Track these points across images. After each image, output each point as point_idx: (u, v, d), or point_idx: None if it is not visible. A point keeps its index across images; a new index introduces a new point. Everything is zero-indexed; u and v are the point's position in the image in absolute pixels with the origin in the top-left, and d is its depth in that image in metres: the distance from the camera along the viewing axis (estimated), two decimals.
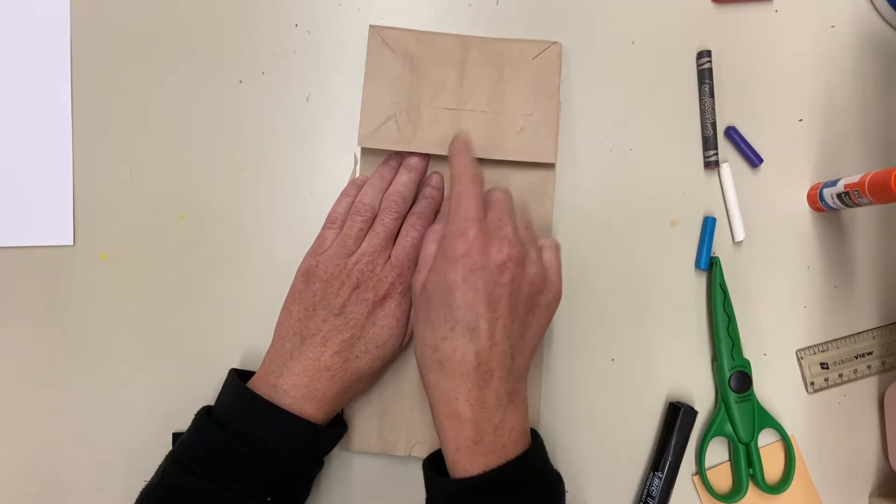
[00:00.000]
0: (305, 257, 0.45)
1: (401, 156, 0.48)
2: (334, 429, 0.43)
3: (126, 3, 0.49)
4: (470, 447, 0.38)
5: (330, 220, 0.46)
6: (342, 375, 0.42)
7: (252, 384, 0.42)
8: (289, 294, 0.45)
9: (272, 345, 0.44)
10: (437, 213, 0.47)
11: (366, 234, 0.44)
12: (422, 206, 0.46)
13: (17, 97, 0.49)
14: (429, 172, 0.48)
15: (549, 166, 0.48)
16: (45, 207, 0.48)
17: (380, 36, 0.48)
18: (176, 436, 0.47)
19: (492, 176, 0.48)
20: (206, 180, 0.49)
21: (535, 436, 0.42)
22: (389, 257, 0.44)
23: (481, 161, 0.47)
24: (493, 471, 0.37)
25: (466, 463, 0.38)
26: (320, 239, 0.45)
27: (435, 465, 0.41)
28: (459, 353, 0.38)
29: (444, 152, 0.47)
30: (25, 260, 0.48)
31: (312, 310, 0.43)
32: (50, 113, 0.49)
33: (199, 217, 0.49)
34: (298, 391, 0.41)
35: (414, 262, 0.44)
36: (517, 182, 0.48)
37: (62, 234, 0.48)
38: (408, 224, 0.45)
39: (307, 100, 0.50)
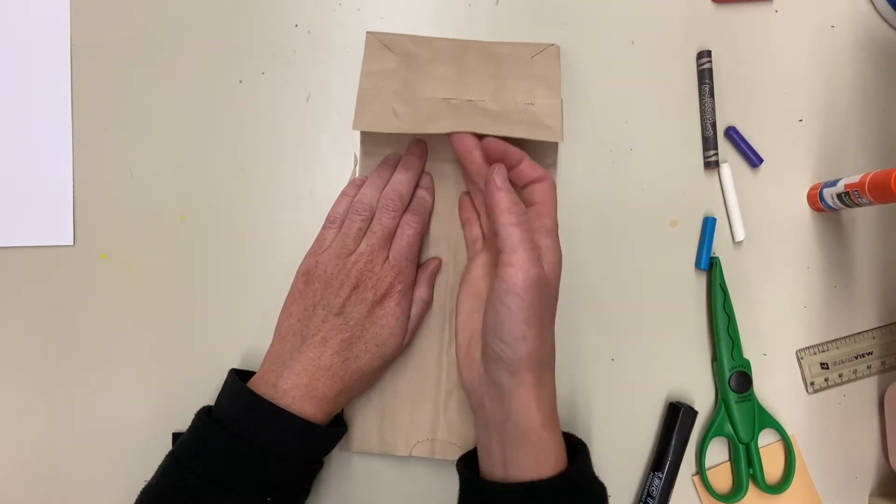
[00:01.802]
0: (305, 257, 0.45)
1: (398, 155, 0.48)
2: (334, 429, 0.43)
3: (126, 3, 0.49)
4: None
5: (329, 220, 0.46)
6: (342, 375, 0.42)
7: (252, 384, 0.42)
8: (289, 294, 0.45)
9: (272, 345, 0.44)
10: (430, 211, 0.47)
11: (364, 234, 0.44)
12: (414, 204, 0.46)
13: (17, 97, 0.49)
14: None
15: (550, 166, 0.48)
16: (45, 207, 0.48)
17: (377, 39, 0.48)
18: (176, 436, 0.47)
19: None
20: (206, 180, 0.49)
21: (580, 442, 0.42)
22: (388, 257, 0.44)
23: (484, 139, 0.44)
24: (557, 476, 0.38)
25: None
26: (320, 239, 0.45)
27: (469, 466, 0.42)
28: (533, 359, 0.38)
29: (441, 131, 0.43)
30: (25, 260, 0.48)
31: (312, 309, 0.43)
32: (50, 113, 0.49)
33: (199, 217, 0.49)
34: (298, 391, 0.41)
35: (412, 259, 0.44)
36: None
37: (62, 234, 0.48)
38: (403, 223, 0.45)
39: (307, 100, 0.50)
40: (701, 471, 0.49)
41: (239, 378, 0.42)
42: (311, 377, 0.41)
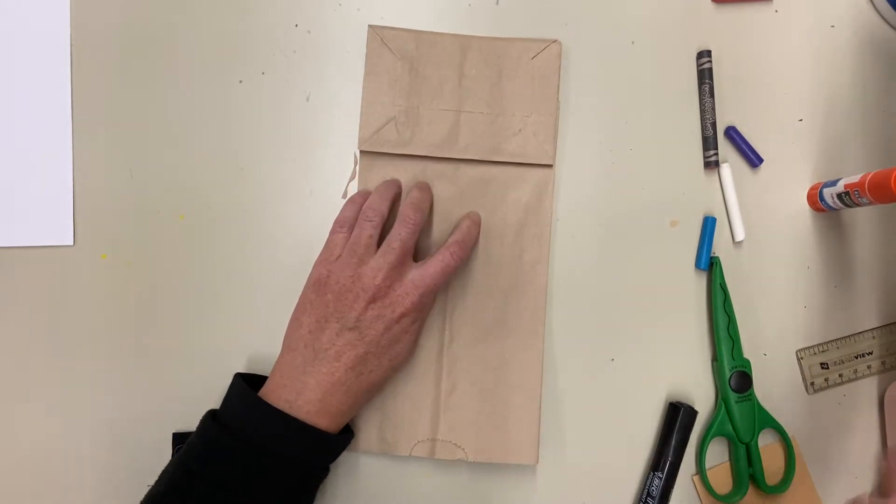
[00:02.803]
0: (316, 265, 0.44)
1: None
2: (343, 436, 0.43)
3: (126, 3, 0.49)
4: None
5: (339, 224, 0.45)
6: (356, 389, 0.42)
7: (264, 395, 0.42)
8: (299, 304, 0.44)
9: (282, 355, 0.43)
10: (474, 245, 0.47)
11: (375, 241, 0.43)
12: (461, 235, 0.45)
13: (17, 97, 0.49)
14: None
15: (549, 166, 0.49)
16: (45, 207, 0.48)
17: (379, 36, 0.48)
18: (176, 436, 0.47)
19: (492, 175, 0.48)
20: (206, 180, 0.49)
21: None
22: (407, 274, 0.43)
23: (480, 162, 0.48)
24: None
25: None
26: (330, 245, 0.44)
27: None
28: None
29: (441, 154, 0.48)
30: (25, 260, 0.48)
31: (325, 322, 0.42)
32: (50, 113, 0.49)
33: (199, 217, 0.49)
34: (312, 406, 0.41)
35: (440, 287, 0.44)
36: (517, 182, 0.48)
37: (62, 234, 0.48)
38: (446, 251, 0.44)
39: (307, 100, 0.50)
40: (701, 471, 0.49)
41: (245, 383, 0.42)
42: (325, 392, 0.41)
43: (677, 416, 0.47)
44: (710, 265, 0.49)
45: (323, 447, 0.42)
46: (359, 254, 0.42)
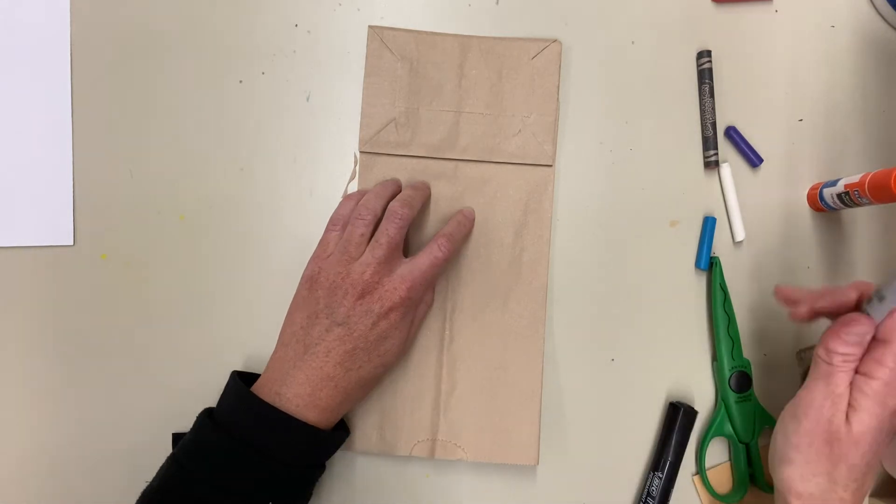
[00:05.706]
0: (309, 262, 0.45)
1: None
2: (337, 433, 0.43)
3: (126, 3, 0.49)
4: None
5: (332, 223, 0.45)
6: (345, 385, 0.42)
7: (256, 390, 0.42)
8: (293, 300, 0.44)
9: (276, 351, 0.43)
10: (464, 240, 0.47)
11: (367, 239, 0.43)
12: (451, 228, 0.45)
13: (17, 98, 0.49)
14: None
15: (548, 166, 0.49)
16: (45, 207, 0.48)
17: (379, 37, 0.48)
18: (176, 436, 0.47)
19: (492, 175, 0.48)
20: (206, 180, 0.49)
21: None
22: (396, 269, 0.43)
23: (479, 162, 0.48)
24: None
25: None
26: (323, 243, 0.45)
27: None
28: None
29: (440, 155, 0.48)
30: (25, 260, 0.48)
31: (315, 317, 0.42)
32: (50, 113, 0.49)
33: (199, 217, 0.49)
34: (301, 400, 0.41)
35: (430, 281, 0.44)
36: (517, 182, 0.48)
37: (62, 234, 0.48)
38: (434, 244, 0.44)
39: (307, 100, 0.50)
40: (701, 471, 0.49)
41: (241, 381, 0.42)
42: (313, 387, 0.41)
43: (677, 416, 0.47)
44: (710, 265, 0.49)
45: (313, 442, 0.41)
46: (350, 251, 0.43)
